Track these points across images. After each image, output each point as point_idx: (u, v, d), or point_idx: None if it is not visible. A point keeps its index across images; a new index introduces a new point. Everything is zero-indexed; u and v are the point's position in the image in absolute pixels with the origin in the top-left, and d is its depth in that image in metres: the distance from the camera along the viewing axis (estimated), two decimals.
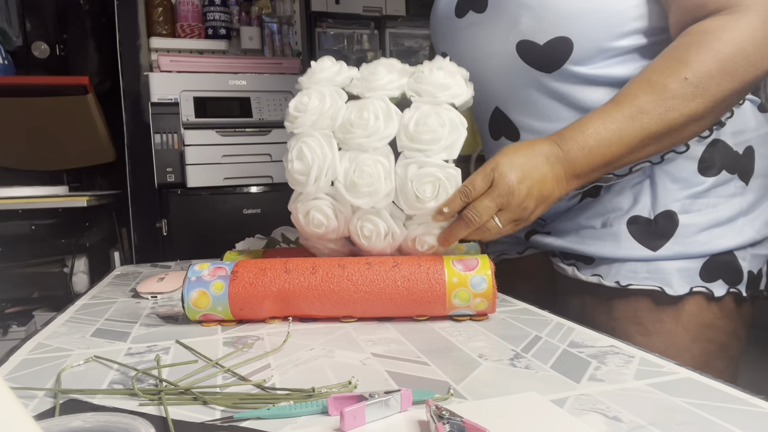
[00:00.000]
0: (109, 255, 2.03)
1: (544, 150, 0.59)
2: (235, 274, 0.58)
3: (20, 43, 2.13)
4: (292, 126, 0.62)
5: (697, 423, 0.35)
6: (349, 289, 0.57)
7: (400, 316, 0.59)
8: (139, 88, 1.91)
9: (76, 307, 0.69)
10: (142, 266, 0.99)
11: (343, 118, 0.60)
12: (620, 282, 0.66)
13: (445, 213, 0.58)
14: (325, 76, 0.64)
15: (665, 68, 0.57)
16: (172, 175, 1.84)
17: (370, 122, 0.58)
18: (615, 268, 0.67)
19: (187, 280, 0.57)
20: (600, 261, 0.69)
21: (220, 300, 0.57)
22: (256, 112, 1.92)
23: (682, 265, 0.64)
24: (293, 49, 2.16)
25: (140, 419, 0.33)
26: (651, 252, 0.65)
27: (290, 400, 0.39)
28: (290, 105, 0.63)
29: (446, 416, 0.33)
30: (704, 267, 0.64)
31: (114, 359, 0.48)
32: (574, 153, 0.58)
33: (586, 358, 0.47)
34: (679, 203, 0.65)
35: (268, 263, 0.59)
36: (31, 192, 1.73)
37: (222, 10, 2.03)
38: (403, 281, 0.57)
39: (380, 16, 2.23)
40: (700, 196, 0.65)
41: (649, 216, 0.66)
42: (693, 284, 0.64)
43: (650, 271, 0.65)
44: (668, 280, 0.64)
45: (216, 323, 0.59)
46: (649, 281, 0.65)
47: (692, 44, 0.57)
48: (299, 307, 0.58)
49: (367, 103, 0.59)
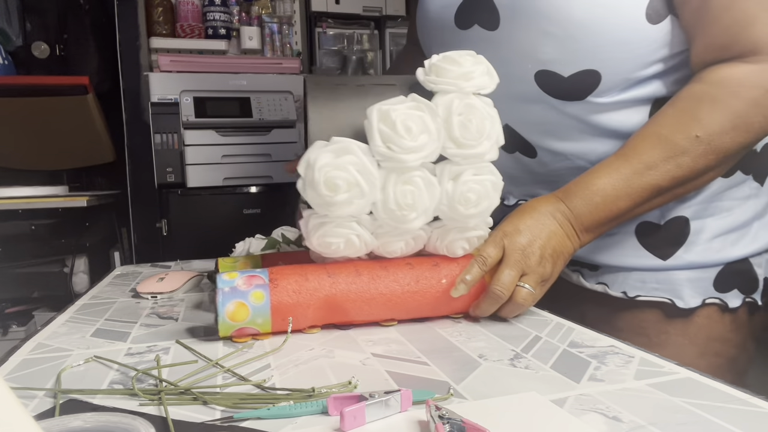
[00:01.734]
0: (109, 255, 2.03)
1: (549, 209, 0.57)
2: (275, 282, 0.53)
3: (20, 43, 2.14)
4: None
5: (697, 423, 0.35)
6: (395, 291, 0.55)
7: (440, 315, 0.59)
8: (139, 88, 1.91)
9: (76, 307, 0.69)
10: (142, 266, 0.99)
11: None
12: (627, 293, 0.63)
13: (467, 281, 0.55)
14: (348, 211, 0.52)
15: (676, 123, 0.55)
16: (172, 175, 1.84)
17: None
18: (621, 277, 0.64)
19: (221, 292, 0.51)
20: (606, 269, 0.66)
21: (261, 311, 0.52)
22: (256, 112, 1.92)
23: (694, 275, 0.61)
24: (293, 49, 2.16)
25: (140, 419, 0.33)
26: (661, 261, 0.61)
27: (290, 400, 0.39)
28: (308, 233, 0.54)
29: (446, 416, 0.33)
30: (718, 276, 0.61)
31: (114, 359, 0.48)
32: (579, 209, 0.57)
33: (586, 358, 0.47)
34: (691, 208, 0.61)
35: (309, 269, 0.55)
36: (31, 192, 1.73)
37: (222, 10, 2.03)
38: (447, 279, 0.57)
39: (380, 16, 2.23)
40: (713, 200, 0.61)
41: (658, 222, 0.63)
42: (706, 296, 0.61)
43: (660, 282, 0.62)
44: (679, 292, 0.61)
45: (249, 338, 0.54)
46: (659, 292, 0.62)
47: (705, 99, 0.54)
48: (346, 313, 0.55)
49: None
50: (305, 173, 0.52)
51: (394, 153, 0.50)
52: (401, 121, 0.50)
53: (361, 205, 0.52)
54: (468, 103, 0.53)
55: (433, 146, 0.51)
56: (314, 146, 0.52)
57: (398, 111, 0.50)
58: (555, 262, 0.57)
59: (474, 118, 0.52)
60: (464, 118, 0.52)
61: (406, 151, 0.50)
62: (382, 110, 0.51)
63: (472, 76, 0.53)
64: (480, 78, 0.54)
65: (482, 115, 0.53)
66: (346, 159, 0.51)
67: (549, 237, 0.56)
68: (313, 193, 0.51)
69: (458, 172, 0.54)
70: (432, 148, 0.51)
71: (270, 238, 0.87)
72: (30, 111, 1.87)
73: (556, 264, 0.57)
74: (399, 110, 0.51)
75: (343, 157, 0.51)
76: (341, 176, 0.50)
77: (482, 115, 0.53)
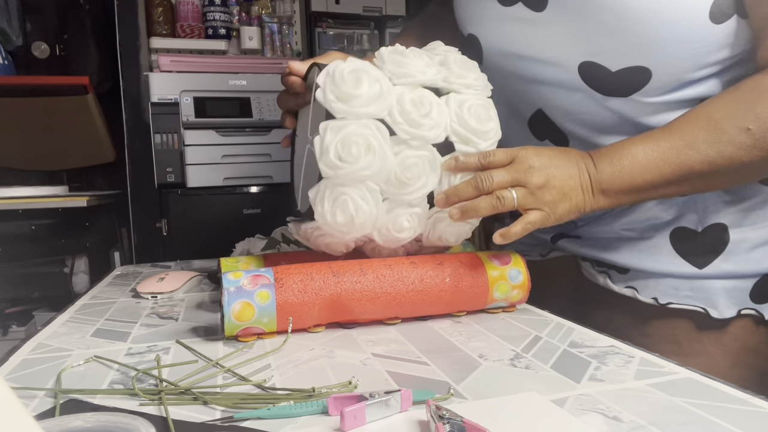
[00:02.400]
0: (109, 255, 2.03)
1: (576, 157, 0.56)
2: (280, 282, 0.53)
3: (20, 43, 2.13)
4: (331, 174, 0.54)
5: (697, 423, 0.35)
6: (400, 290, 0.56)
7: (444, 313, 0.60)
8: (139, 88, 1.91)
9: (76, 307, 0.69)
10: (142, 266, 0.99)
11: (391, 172, 0.55)
12: (658, 299, 0.62)
13: (458, 161, 0.55)
14: (369, 110, 0.54)
15: (731, 110, 0.52)
16: (172, 175, 1.84)
17: (420, 180, 0.56)
18: (653, 282, 0.62)
19: (226, 292, 0.52)
20: (636, 273, 0.64)
21: (267, 310, 0.52)
22: (256, 112, 1.92)
23: (731, 284, 0.59)
24: (293, 49, 2.16)
25: (140, 419, 0.33)
26: (696, 269, 0.59)
27: (290, 400, 0.39)
28: (327, 145, 0.53)
29: (446, 416, 0.33)
30: (756, 287, 0.59)
31: (114, 359, 0.48)
32: (604, 168, 0.54)
33: (586, 358, 0.47)
34: (731, 216, 0.59)
35: (313, 268, 0.55)
36: (31, 192, 1.73)
37: (222, 10, 2.03)
38: (451, 278, 0.57)
39: (380, 16, 2.23)
40: (754, 208, 0.59)
41: (695, 229, 0.60)
42: (741, 306, 0.59)
43: (694, 290, 0.60)
44: (714, 301, 0.59)
45: (254, 337, 0.54)
46: (692, 300, 0.60)
47: (767, 91, 0.51)
48: (351, 312, 0.55)
49: (411, 166, 0.56)
50: (325, 79, 0.55)
51: (406, 70, 0.56)
52: (409, 50, 0.58)
53: (379, 107, 0.54)
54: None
55: (434, 71, 0.58)
56: (333, 62, 0.56)
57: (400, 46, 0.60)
58: (559, 200, 0.54)
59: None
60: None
61: (413, 68, 0.57)
62: (390, 47, 0.60)
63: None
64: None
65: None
66: (366, 66, 0.55)
67: (564, 176, 0.54)
68: (335, 89, 0.54)
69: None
70: (433, 72, 0.57)
71: (270, 238, 0.87)
72: (30, 111, 1.87)
73: (560, 202, 0.54)
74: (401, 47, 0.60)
75: (362, 66, 0.55)
76: (364, 70, 0.55)
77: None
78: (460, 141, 0.57)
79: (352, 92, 0.53)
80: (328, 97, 0.54)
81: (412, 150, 0.56)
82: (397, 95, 0.55)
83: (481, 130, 0.57)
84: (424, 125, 0.55)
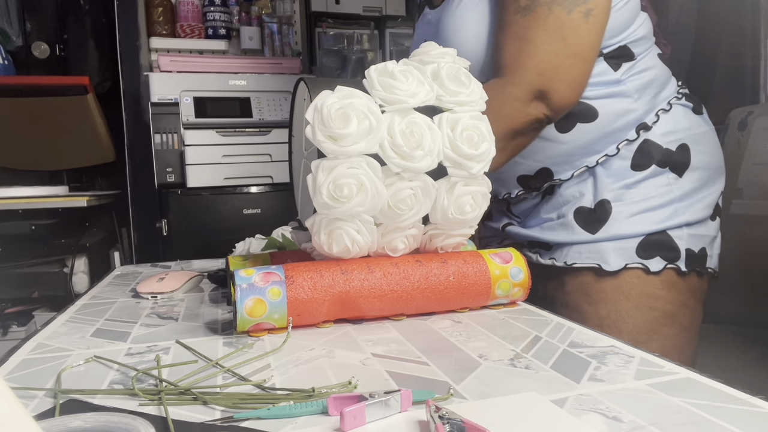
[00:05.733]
0: (109, 255, 2.03)
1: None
2: (291, 279, 0.55)
3: (20, 43, 2.14)
4: (326, 212, 0.55)
5: (697, 423, 0.35)
6: (406, 287, 0.58)
7: (447, 310, 0.62)
8: (139, 88, 1.91)
9: (76, 307, 0.69)
10: (142, 266, 0.99)
11: (384, 204, 0.56)
12: (567, 261, 0.79)
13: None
14: (360, 147, 0.54)
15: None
16: (172, 175, 1.84)
17: (413, 209, 0.57)
18: (565, 251, 0.80)
19: (239, 288, 0.53)
20: (555, 247, 0.81)
21: (278, 307, 0.53)
22: (256, 112, 1.92)
23: (617, 245, 0.76)
24: (293, 49, 2.16)
25: (140, 419, 0.33)
26: (590, 235, 0.77)
27: (290, 400, 0.39)
28: (319, 185, 0.53)
29: (446, 416, 0.33)
30: (640, 245, 0.75)
31: (114, 359, 0.48)
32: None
33: (586, 358, 0.47)
34: (613, 193, 0.77)
35: (322, 265, 0.57)
36: (31, 192, 1.73)
37: (222, 10, 2.03)
38: (455, 276, 0.59)
39: (380, 16, 2.23)
40: (631, 187, 0.77)
41: (590, 206, 0.79)
42: (629, 261, 0.75)
43: (591, 251, 0.78)
44: (605, 258, 0.76)
45: (265, 332, 0.56)
46: (590, 259, 0.77)
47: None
48: (358, 308, 0.57)
49: (404, 198, 0.56)
50: (314, 116, 0.53)
51: (396, 95, 0.55)
52: (398, 71, 0.56)
53: (369, 143, 0.54)
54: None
55: (426, 92, 0.57)
56: (321, 94, 0.55)
57: (395, 64, 0.57)
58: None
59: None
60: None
61: (403, 93, 0.56)
62: (379, 66, 0.58)
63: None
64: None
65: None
66: (353, 100, 0.54)
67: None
68: (324, 129, 0.53)
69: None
70: (425, 93, 0.56)
71: (270, 238, 0.87)
72: (30, 111, 1.87)
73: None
74: (395, 64, 0.58)
75: (349, 99, 0.54)
76: (352, 106, 0.53)
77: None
78: (452, 166, 0.57)
79: (341, 132, 0.52)
80: (317, 138, 0.53)
81: (405, 182, 0.56)
82: (388, 125, 0.55)
83: (473, 154, 0.57)
84: (416, 157, 0.54)
